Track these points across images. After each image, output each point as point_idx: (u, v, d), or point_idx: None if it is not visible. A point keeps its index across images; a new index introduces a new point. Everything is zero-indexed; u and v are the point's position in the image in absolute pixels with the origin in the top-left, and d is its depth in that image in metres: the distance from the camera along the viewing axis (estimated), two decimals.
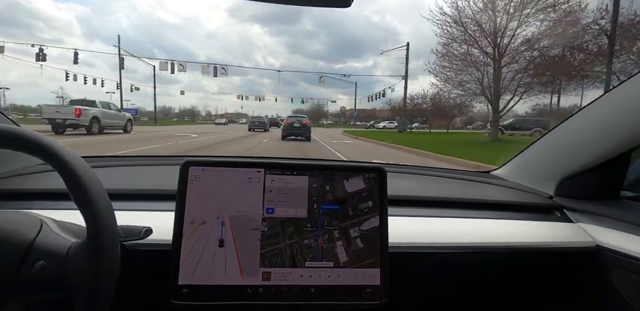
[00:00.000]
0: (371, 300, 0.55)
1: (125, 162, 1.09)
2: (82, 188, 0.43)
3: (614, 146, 0.76)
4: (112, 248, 0.44)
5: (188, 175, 0.55)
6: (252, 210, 0.56)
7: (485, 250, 0.71)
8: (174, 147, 9.25)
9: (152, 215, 0.67)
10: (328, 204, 0.58)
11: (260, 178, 0.57)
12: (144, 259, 0.59)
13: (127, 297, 0.56)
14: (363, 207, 0.58)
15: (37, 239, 0.46)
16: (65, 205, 0.65)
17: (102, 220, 0.43)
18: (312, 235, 0.56)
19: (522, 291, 0.79)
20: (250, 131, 23.28)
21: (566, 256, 0.74)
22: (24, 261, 0.44)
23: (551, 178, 0.91)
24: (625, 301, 0.67)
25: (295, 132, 14.47)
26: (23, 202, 0.71)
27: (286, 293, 0.54)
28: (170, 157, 1.29)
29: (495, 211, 0.83)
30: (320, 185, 0.58)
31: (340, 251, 0.56)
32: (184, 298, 0.52)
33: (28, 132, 0.44)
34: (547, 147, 0.96)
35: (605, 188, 0.86)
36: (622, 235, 0.71)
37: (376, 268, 0.57)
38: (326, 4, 0.49)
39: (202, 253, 0.53)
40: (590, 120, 0.82)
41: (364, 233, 0.57)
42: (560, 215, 0.85)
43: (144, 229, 0.55)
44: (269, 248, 0.55)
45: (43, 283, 0.44)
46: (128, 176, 0.95)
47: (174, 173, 0.55)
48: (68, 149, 0.45)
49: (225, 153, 9.15)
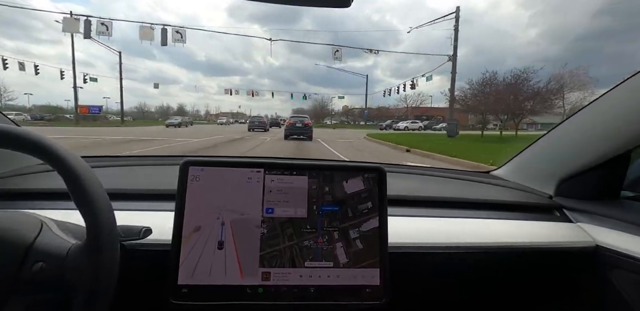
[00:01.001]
0: (371, 300, 0.55)
1: (125, 162, 1.09)
2: (81, 188, 0.43)
3: (614, 146, 0.76)
4: (111, 248, 0.44)
5: (188, 175, 0.55)
6: (251, 210, 0.56)
7: (485, 250, 0.71)
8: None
9: (152, 215, 0.67)
10: (327, 205, 0.58)
11: (259, 178, 0.57)
12: (143, 259, 0.59)
13: (126, 297, 0.56)
14: (362, 208, 0.58)
15: (37, 240, 0.46)
16: (65, 205, 0.65)
17: (101, 220, 0.44)
18: (312, 237, 0.56)
19: (522, 291, 0.79)
20: (250, 131, 22.21)
21: (566, 256, 0.74)
22: (24, 262, 0.44)
23: (551, 178, 0.91)
24: (625, 301, 0.67)
25: (297, 132, 14.91)
26: (23, 201, 0.71)
27: (286, 293, 0.54)
28: (170, 157, 1.29)
29: (495, 211, 0.83)
30: (320, 187, 0.58)
31: (340, 253, 0.56)
32: (183, 298, 0.52)
33: (28, 132, 0.44)
34: (547, 147, 0.96)
35: (605, 188, 0.86)
36: (621, 235, 0.71)
37: (376, 268, 0.56)
38: (326, 4, 0.49)
39: (201, 253, 0.53)
40: (590, 120, 0.82)
41: (363, 234, 0.57)
42: (560, 215, 0.85)
43: (144, 229, 0.55)
44: (269, 250, 0.55)
45: (42, 284, 0.44)
46: (128, 176, 0.95)
47: (174, 173, 0.56)
48: (68, 149, 0.45)
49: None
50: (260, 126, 23.39)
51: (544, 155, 0.97)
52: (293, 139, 14.52)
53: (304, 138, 14.70)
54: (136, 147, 9.28)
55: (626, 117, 0.73)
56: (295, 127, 14.89)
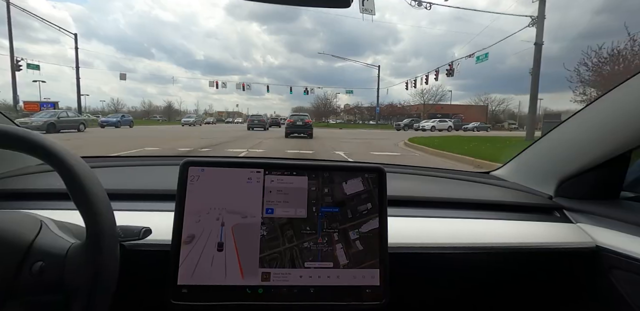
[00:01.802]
0: (371, 300, 0.55)
1: (125, 162, 1.09)
2: (81, 188, 0.43)
3: (614, 146, 0.76)
4: (111, 249, 0.44)
5: (187, 175, 0.55)
6: (251, 210, 0.56)
7: (485, 251, 0.71)
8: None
9: (152, 215, 0.67)
10: (327, 207, 0.58)
11: (259, 179, 0.57)
12: (143, 259, 0.59)
13: (126, 297, 0.56)
14: (362, 209, 0.58)
15: (36, 240, 0.46)
16: (65, 205, 0.65)
17: (101, 220, 0.43)
18: (312, 238, 0.56)
19: (522, 292, 0.79)
20: (250, 130, 21.98)
21: (566, 256, 0.74)
22: (24, 261, 0.44)
23: (551, 179, 0.91)
24: (625, 302, 0.67)
25: (298, 130, 15.28)
26: (23, 202, 0.71)
27: (285, 293, 0.54)
28: (170, 157, 1.29)
29: (495, 211, 0.83)
30: (319, 188, 0.58)
31: (340, 254, 0.56)
32: (183, 298, 0.52)
33: (28, 133, 0.44)
34: (547, 148, 0.96)
35: (605, 188, 0.86)
36: (621, 235, 0.71)
37: (376, 268, 0.56)
38: (326, 4, 0.49)
39: (201, 253, 0.53)
40: (590, 121, 0.82)
41: (363, 236, 0.57)
42: (560, 216, 0.85)
43: (144, 229, 0.55)
44: (269, 252, 0.55)
45: (42, 283, 0.44)
46: (127, 176, 0.95)
47: (174, 173, 0.56)
48: (68, 149, 0.45)
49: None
50: (260, 125, 23.29)
51: (544, 156, 0.97)
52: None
53: (304, 136, 14.96)
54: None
55: (626, 117, 0.73)
56: (296, 126, 15.30)
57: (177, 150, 8.40)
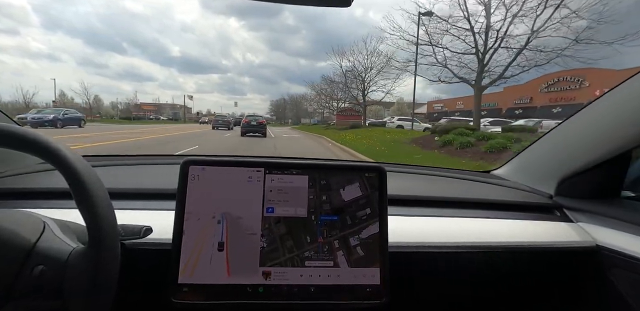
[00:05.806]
0: (371, 299, 0.55)
1: (126, 162, 1.09)
2: (82, 187, 0.43)
3: (614, 146, 0.76)
4: (112, 247, 0.44)
5: (188, 174, 0.55)
6: (252, 209, 0.56)
7: (485, 250, 0.71)
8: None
9: (152, 214, 0.68)
10: (326, 215, 0.58)
11: (260, 178, 0.57)
12: (144, 258, 0.60)
13: (127, 296, 0.56)
14: (361, 214, 0.58)
15: (38, 242, 0.46)
16: (66, 203, 0.65)
17: (102, 219, 0.43)
18: (312, 247, 0.56)
19: (523, 291, 0.79)
20: (214, 129, 21.82)
21: (566, 255, 0.74)
22: (25, 264, 0.43)
23: (551, 178, 0.91)
24: (625, 301, 0.67)
25: (252, 129, 16.40)
26: (24, 201, 0.71)
27: (286, 292, 0.54)
28: (171, 156, 1.29)
29: (496, 211, 0.83)
30: (317, 196, 0.58)
31: (342, 261, 0.56)
32: (184, 297, 0.52)
33: (29, 132, 0.44)
34: (547, 147, 0.96)
35: (605, 187, 0.86)
36: (622, 234, 0.71)
37: (376, 267, 0.57)
38: (326, 4, 0.49)
39: (202, 252, 0.53)
40: (590, 120, 0.82)
41: (363, 242, 0.57)
42: (561, 215, 0.85)
43: (144, 228, 0.55)
44: (270, 263, 0.55)
45: (41, 287, 0.44)
46: (128, 175, 0.96)
47: (174, 172, 0.56)
48: (69, 149, 0.45)
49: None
50: (224, 125, 23.18)
51: (544, 155, 0.97)
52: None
53: (259, 135, 16.14)
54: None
55: (626, 117, 0.72)
56: (251, 125, 16.47)
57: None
